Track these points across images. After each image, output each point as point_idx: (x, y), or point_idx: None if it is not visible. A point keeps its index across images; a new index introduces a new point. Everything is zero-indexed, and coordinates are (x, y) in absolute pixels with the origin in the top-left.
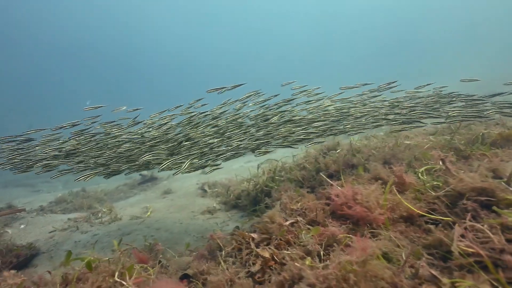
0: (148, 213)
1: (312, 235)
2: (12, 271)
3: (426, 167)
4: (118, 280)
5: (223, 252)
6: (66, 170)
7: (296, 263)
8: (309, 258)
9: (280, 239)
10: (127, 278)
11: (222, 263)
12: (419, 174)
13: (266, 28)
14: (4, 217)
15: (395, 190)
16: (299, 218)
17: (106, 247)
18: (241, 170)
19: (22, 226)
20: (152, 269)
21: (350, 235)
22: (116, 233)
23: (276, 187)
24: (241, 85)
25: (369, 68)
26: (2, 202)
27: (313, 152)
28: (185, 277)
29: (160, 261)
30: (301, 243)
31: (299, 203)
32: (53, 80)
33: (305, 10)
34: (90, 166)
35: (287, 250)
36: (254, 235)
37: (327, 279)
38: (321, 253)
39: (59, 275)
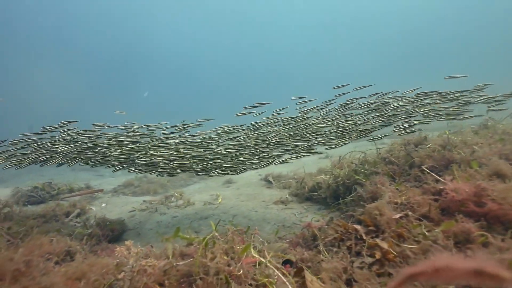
0: (219, 200)
1: (441, 230)
2: (128, 241)
3: None
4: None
5: (320, 241)
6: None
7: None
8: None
9: (391, 233)
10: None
11: (325, 252)
12: None
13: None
14: (85, 196)
15: None
16: (409, 212)
17: (188, 229)
18: (298, 164)
19: (103, 205)
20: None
21: (486, 233)
22: (195, 216)
23: (363, 180)
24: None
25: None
26: (80, 183)
27: (399, 147)
28: (287, 262)
29: (254, 245)
30: (416, 238)
31: (403, 197)
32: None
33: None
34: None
35: (402, 244)
36: (358, 227)
37: None
38: (453, 249)
39: (169, 248)
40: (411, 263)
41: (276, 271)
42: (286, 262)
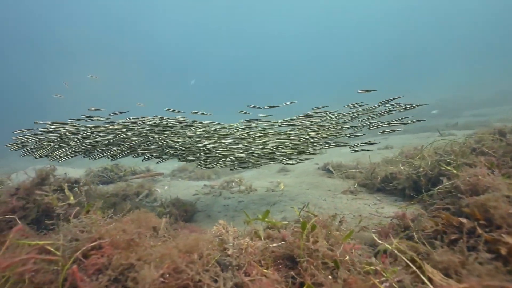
0: (282, 187)
1: None
2: (222, 221)
3: None
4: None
5: (414, 233)
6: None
7: None
8: None
9: (509, 228)
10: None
11: (426, 244)
12: None
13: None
14: (147, 178)
15: None
16: None
17: (256, 213)
18: (352, 154)
19: (166, 188)
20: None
21: None
22: (261, 202)
23: (455, 171)
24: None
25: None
26: (142, 166)
27: (491, 137)
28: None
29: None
30: None
31: None
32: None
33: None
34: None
35: None
36: (463, 220)
37: None
38: None
39: (261, 230)
40: None
41: (404, 259)
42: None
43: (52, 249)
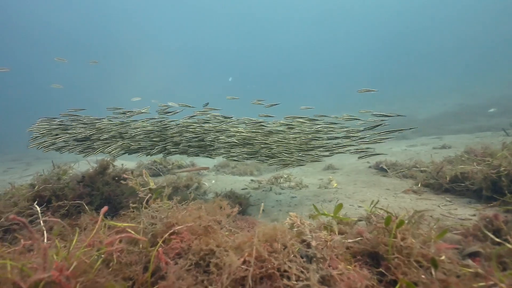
0: (334, 184)
1: None
2: (293, 213)
3: None
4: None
5: (509, 236)
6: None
7: None
8: None
9: None
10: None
11: None
12: None
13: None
14: (193, 172)
15: None
16: None
17: (313, 210)
18: (404, 153)
19: (213, 182)
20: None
21: None
22: (316, 198)
23: None
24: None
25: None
26: (187, 160)
27: None
28: (473, 255)
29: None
30: None
31: None
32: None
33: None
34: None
35: None
36: None
37: None
38: None
39: (335, 225)
40: None
41: None
42: (473, 254)
43: (132, 232)
